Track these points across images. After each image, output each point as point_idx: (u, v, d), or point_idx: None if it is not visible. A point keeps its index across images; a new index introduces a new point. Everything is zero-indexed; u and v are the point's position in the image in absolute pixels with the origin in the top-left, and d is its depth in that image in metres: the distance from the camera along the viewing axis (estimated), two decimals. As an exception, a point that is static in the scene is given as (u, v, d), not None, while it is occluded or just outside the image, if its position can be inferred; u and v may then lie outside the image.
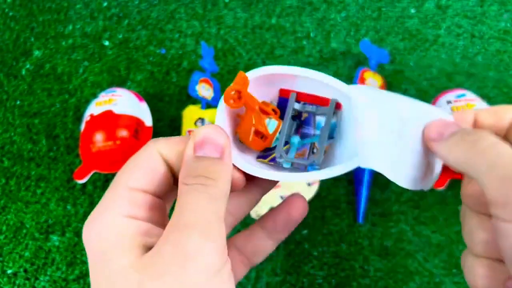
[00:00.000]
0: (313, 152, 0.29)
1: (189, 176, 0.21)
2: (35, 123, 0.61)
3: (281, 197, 0.49)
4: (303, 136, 0.30)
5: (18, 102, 0.63)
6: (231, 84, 0.28)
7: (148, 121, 0.56)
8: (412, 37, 0.65)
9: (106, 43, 0.67)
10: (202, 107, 0.57)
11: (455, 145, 0.22)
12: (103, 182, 0.56)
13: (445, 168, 0.26)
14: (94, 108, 0.55)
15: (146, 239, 0.21)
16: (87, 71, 0.65)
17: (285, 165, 0.28)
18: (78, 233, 0.53)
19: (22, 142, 0.60)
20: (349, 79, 0.62)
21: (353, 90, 0.27)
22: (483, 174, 0.19)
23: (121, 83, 0.63)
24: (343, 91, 0.27)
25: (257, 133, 0.28)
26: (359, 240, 0.51)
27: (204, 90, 0.57)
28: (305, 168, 0.28)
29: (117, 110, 0.54)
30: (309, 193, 0.52)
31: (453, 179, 0.49)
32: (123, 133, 0.53)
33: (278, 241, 0.29)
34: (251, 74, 0.29)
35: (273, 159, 0.29)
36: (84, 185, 0.56)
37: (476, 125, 0.23)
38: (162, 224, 0.22)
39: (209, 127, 0.23)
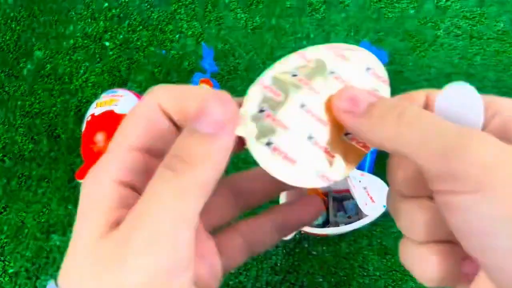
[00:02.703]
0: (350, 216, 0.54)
1: (169, 154, 0.18)
2: (36, 123, 0.62)
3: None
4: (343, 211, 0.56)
5: (19, 103, 0.64)
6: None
7: (148, 121, 0.56)
8: (411, 37, 0.65)
9: (107, 43, 0.68)
10: (203, 107, 0.57)
11: (379, 120, 0.18)
12: (104, 182, 0.57)
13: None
14: (95, 108, 0.55)
15: (120, 212, 0.18)
16: (88, 71, 0.65)
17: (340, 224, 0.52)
18: (79, 233, 0.54)
19: (23, 142, 0.60)
20: (349, 80, 0.62)
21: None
22: (417, 149, 0.17)
23: (122, 84, 0.64)
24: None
25: None
26: (358, 240, 0.51)
27: (205, 90, 0.58)
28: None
29: (118, 110, 0.54)
30: None
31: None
32: (124, 133, 0.53)
33: (284, 235, 0.27)
34: None
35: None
36: (85, 185, 0.57)
37: (428, 106, 0.21)
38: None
39: (212, 92, 0.19)
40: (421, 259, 0.20)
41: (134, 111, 0.20)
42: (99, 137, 0.52)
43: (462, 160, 0.16)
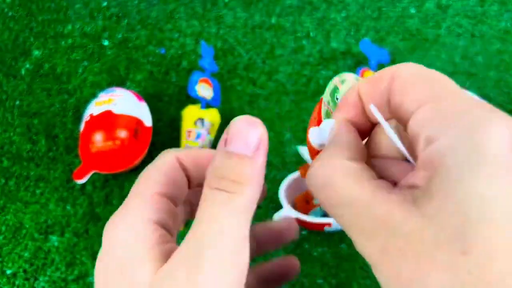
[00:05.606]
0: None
1: (214, 176, 0.19)
2: (35, 123, 0.61)
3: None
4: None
5: (17, 102, 0.63)
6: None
7: (147, 121, 0.56)
8: (412, 37, 0.65)
9: (106, 43, 0.67)
10: (202, 107, 0.57)
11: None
12: (102, 183, 0.56)
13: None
14: (94, 108, 0.55)
15: (164, 247, 0.19)
16: (86, 71, 0.65)
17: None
18: (78, 234, 0.53)
19: (22, 142, 0.60)
20: (349, 79, 0.62)
21: None
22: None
23: (121, 83, 0.63)
24: None
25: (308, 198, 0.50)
26: (359, 241, 0.51)
27: (204, 90, 0.57)
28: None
29: (117, 110, 0.53)
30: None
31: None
32: (123, 133, 0.52)
33: None
34: None
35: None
36: (83, 185, 0.56)
37: (361, 101, 0.20)
38: (173, 232, 0.22)
39: (243, 118, 0.19)
40: None
41: (156, 162, 0.22)
42: (98, 137, 0.52)
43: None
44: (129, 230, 0.19)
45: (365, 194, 0.17)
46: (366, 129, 0.20)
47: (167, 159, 0.22)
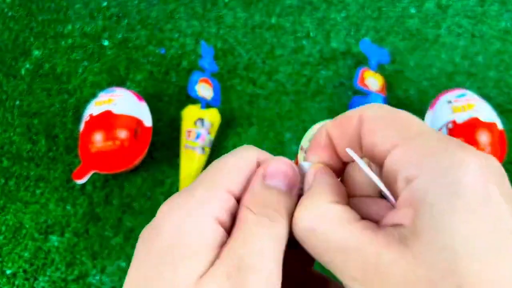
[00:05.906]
0: None
1: (257, 204, 0.20)
2: (35, 123, 0.61)
3: None
4: None
5: (17, 102, 0.63)
6: None
7: (147, 121, 0.56)
8: (412, 37, 0.65)
9: (106, 43, 0.67)
10: (202, 107, 0.57)
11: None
12: (102, 183, 0.56)
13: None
14: (94, 108, 0.55)
15: (217, 251, 0.19)
16: (86, 71, 0.65)
17: None
18: (78, 234, 0.53)
19: (22, 142, 0.60)
20: (349, 79, 0.62)
21: None
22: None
23: (121, 83, 0.63)
24: None
25: None
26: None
27: (204, 90, 0.57)
28: None
29: (117, 110, 0.53)
30: None
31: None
32: (123, 133, 0.52)
33: None
34: None
35: None
36: (83, 185, 0.56)
37: (331, 143, 0.21)
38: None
39: (282, 159, 0.21)
40: None
41: (237, 157, 0.22)
42: (98, 137, 0.52)
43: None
44: (190, 221, 0.19)
45: (353, 237, 0.17)
46: (338, 170, 0.21)
47: (248, 156, 0.21)
